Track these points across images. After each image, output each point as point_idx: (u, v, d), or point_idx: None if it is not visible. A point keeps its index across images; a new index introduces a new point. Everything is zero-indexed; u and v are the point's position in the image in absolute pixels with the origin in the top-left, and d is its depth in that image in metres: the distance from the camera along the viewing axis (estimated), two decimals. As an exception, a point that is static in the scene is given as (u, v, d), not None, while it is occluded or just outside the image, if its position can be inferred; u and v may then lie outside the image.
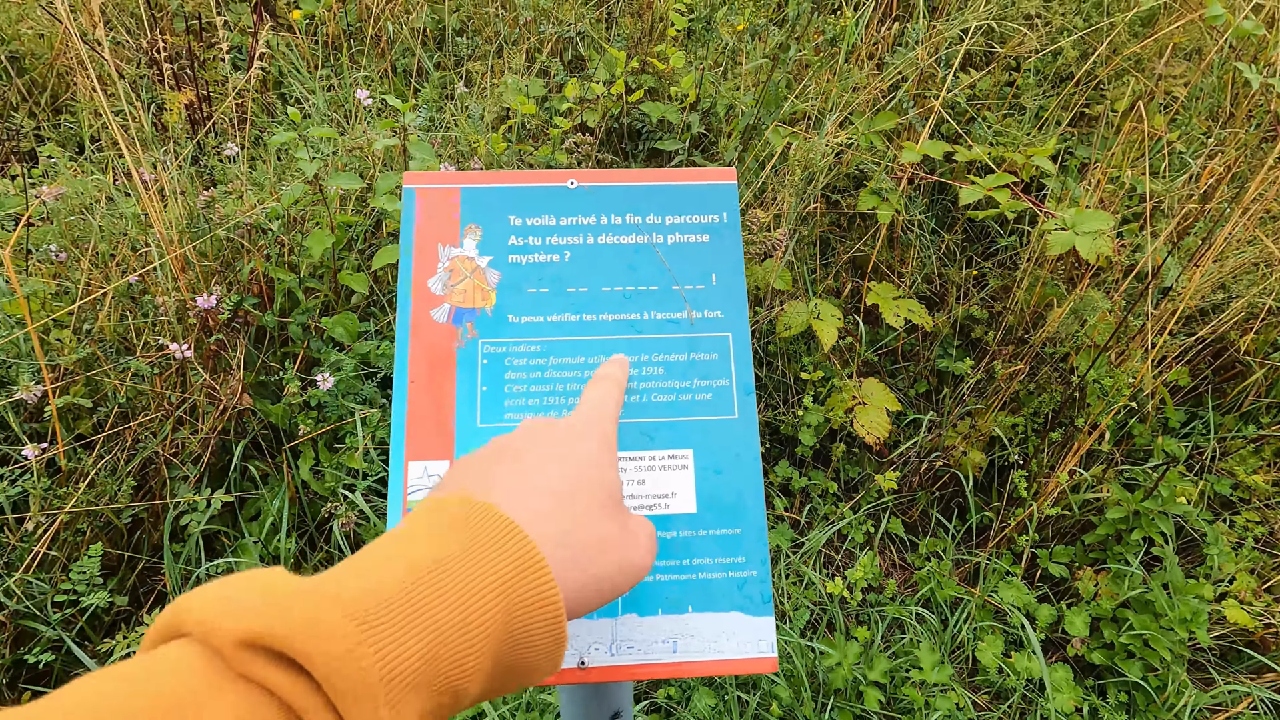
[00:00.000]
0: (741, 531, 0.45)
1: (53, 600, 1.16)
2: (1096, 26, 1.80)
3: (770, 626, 0.44)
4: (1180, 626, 1.31)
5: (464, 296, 0.48)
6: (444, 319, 0.48)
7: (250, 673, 0.22)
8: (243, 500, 1.43)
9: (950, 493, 1.65)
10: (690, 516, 0.45)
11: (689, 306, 0.49)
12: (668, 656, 0.43)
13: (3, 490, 1.16)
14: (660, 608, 0.44)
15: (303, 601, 0.23)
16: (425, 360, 0.47)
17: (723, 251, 0.50)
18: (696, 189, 0.51)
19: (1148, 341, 1.38)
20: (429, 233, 0.49)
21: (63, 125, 2.02)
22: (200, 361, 1.39)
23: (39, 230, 1.52)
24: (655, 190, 0.51)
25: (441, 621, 0.25)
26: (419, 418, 0.46)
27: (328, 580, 0.25)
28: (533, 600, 0.27)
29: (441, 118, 1.87)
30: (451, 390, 0.46)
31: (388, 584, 0.25)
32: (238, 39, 2.16)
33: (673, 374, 0.48)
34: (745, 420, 0.47)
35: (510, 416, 0.46)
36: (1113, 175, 1.68)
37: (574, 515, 0.31)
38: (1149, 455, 1.59)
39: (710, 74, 1.70)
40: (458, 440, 0.45)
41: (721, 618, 0.44)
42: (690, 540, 0.45)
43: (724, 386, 0.48)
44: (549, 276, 0.49)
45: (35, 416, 1.31)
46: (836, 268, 1.75)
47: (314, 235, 1.41)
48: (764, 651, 0.44)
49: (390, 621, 0.24)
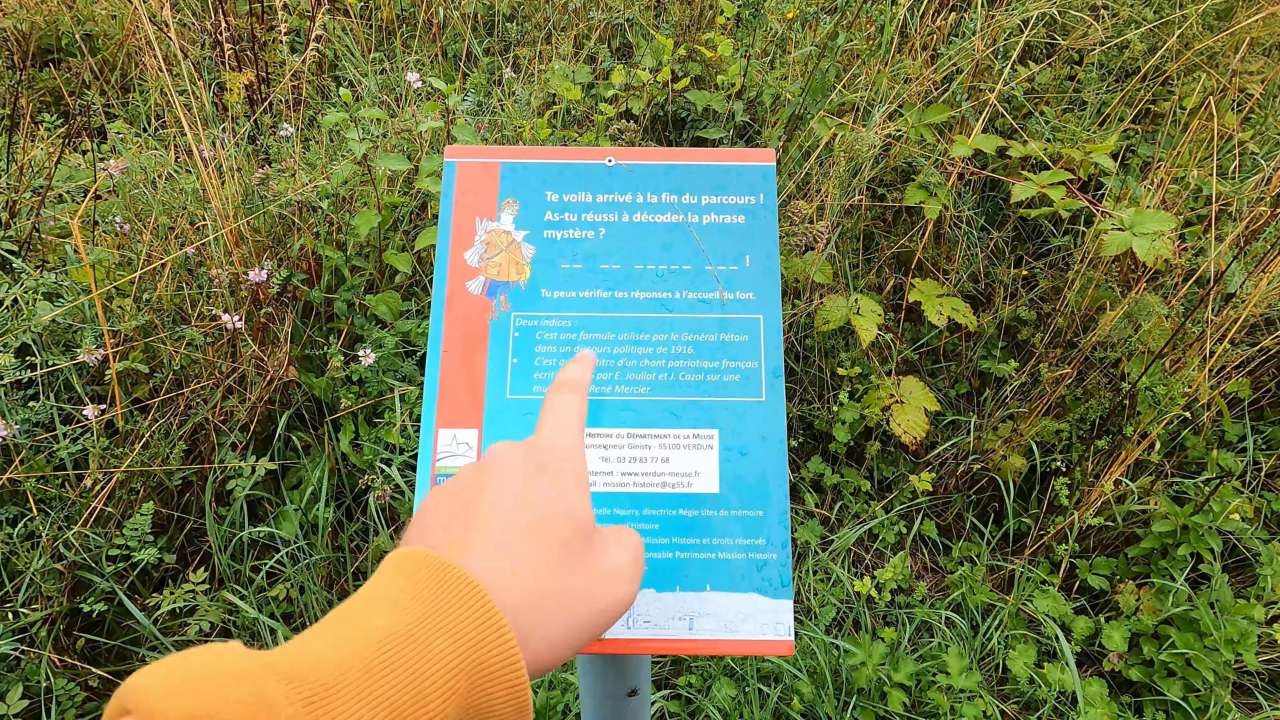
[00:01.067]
0: (764, 514, 0.45)
1: (107, 554, 1.22)
2: (1168, 19, 1.71)
3: (788, 609, 0.44)
4: (1226, 648, 1.26)
5: (499, 270, 0.49)
6: (479, 291, 0.49)
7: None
8: (285, 469, 1.48)
9: (987, 497, 1.61)
10: (713, 496, 0.45)
11: (721, 287, 0.49)
12: (684, 633, 0.43)
13: (65, 448, 1.22)
14: (678, 584, 0.44)
15: (249, 682, 0.23)
16: (459, 331, 0.48)
17: (758, 233, 0.50)
18: (735, 169, 0.51)
19: (1206, 349, 1.32)
20: (467, 206, 0.50)
21: (130, 103, 2.10)
22: (250, 333, 1.44)
23: (106, 203, 1.59)
24: (693, 170, 0.51)
25: (397, 696, 0.24)
26: (450, 386, 0.47)
27: (283, 656, 0.25)
28: (495, 668, 0.27)
29: (489, 102, 1.89)
30: (483, 361, 0.47)
31: (345, 657, 0.25)
32: (297, 22, 2.22)
33: (701, 354, 0.48)
34: (773, 403, 0.47)
35: (538, 390, 0.47)
36: (1177, 175, 1.60)
37: (538, 561, 0.30)
38: (1202, 469, 1.52)
39: (758, 62, 1.68)
40: (487, 410, 0.46)
41: (739, 598, 0.44)
42: (711, 520, 0.45)
43: (753, 369, 0.47)
44: (583, 253, 0.50)
45: (97, 379, 1.38)
46: (879, 263, 1.72)
47: (361, 215, 1.44)
48: (781, 634, 0.43)
49: (342, 697, 0.24)
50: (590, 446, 0.46)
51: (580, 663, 0.61)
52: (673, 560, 0.44)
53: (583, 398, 0.38)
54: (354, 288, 1.54)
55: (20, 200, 1.51)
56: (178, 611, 1.29)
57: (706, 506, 0.45)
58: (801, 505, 1.63)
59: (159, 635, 1.22)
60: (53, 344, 1.34)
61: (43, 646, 1.15)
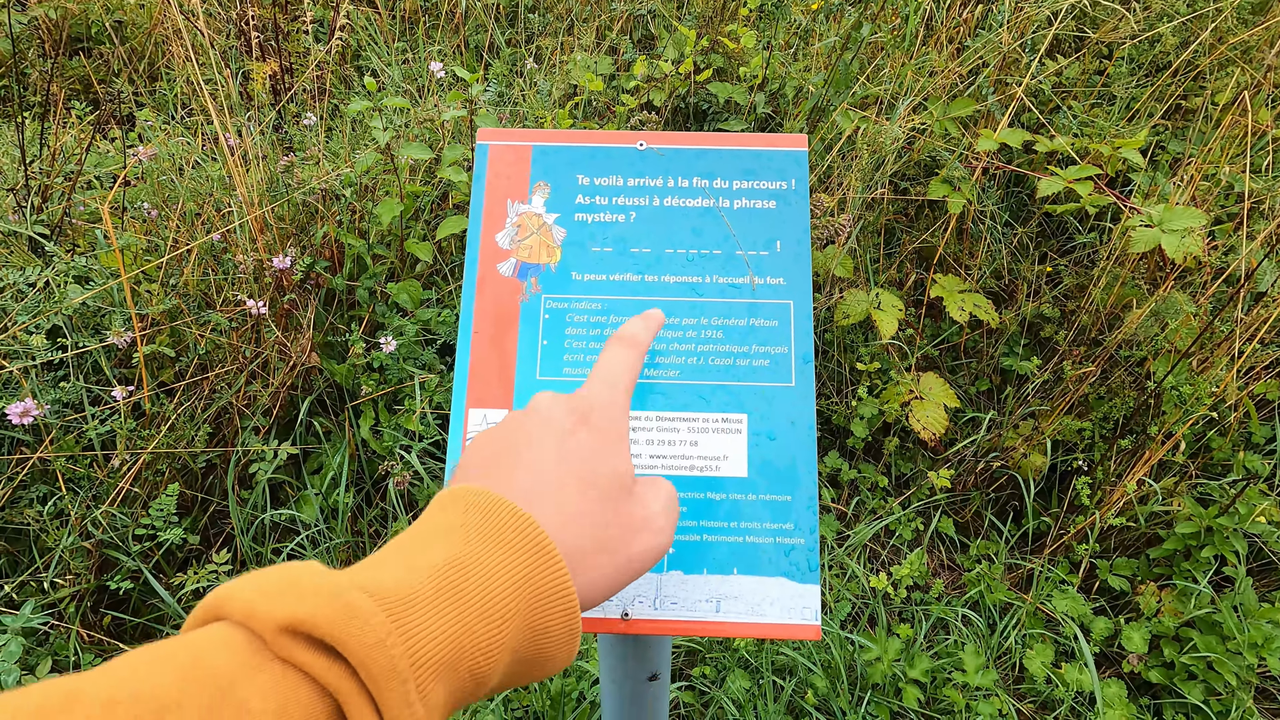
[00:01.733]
0: (792, 499, 0.45)
1: (133, 534, 1.24)
2: (1201, 12, 1.68)
3: (815, 595, 0.44)
4: (1250, 651, 1.24)
5: (530, 252, 0.49)
6: (510, 273, 0.49)
7: (289, 656, 0.23)
8: (306, 454, 1.49)
9: (1006, 495, 1.60)
10: (741, 480, 0.45)
11: (751, 272, 0.49)
12: (710, 615, 0.44)
13: (94, 428, 1.25)
14: (706, 567, 0.44)
15: (339, 593, 0.24)
16: (490, 312, 0.48)
17: (790, 219, 0.50)
18: (766, 154, 0.51)
19: (1234, 349, 1.30)
20: (499, 189, 0.50)
21: (158, 91, 2.13)
22: (273, 319, 1.46)
23: (134, 189, 1.62)
24: (724, 154, 0.51)
25: (467, 612, 0.26)
26: (481, 367, 0.47)
27: (360, 574, 0.26)
28: (550, 593, 0.28)
29: (510, 93, 1.90)
30: (513, 342, 0.47)
31: (416, 580, 0.26)
32: (321, 12, 2.24)
33: (731, 338, 0.48)
34: (802, 388, 0.47)
35: (569, 371, 0.47)
36: (1208, 172, 1.57)
37: (580, 511, 0.32)
38: (1227, 470, 1.50)
39: (781, 54, 1.67)
40: (517, 391, 0.47)
41: (766, 582, 0.44)
42: (740, 504, 0.45)
43: (782, 354, 0.47)
44: (613, 236, 0.50)
45: (125, 362, 1.40)
46: (901, 258, 1.71)
47: (384, 203, 1.45)
48: (808, 619, 0.43)
49: (419, 612, 0.25)
50: (619, 429, 0.46)
51: (601, 646, 0.61)
52: (700, 543, 0.45)
53: (639, 355, 0.38)
54: (376, 276, 1.55)
55: (52, 185, 1.53)
56: (201, 591, 1.31)
57: (734, 490, 0.45)
58: (819, 500, 1.62)
59: (183, 614, 1.24)
60: (82, 326, 1.36)
61: (71, 622, 1.18)
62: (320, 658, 0.23)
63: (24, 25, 2.11)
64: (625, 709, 0.67)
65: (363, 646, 0.23)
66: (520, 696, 1.28)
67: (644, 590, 0.44)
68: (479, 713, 1.24)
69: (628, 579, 0.33)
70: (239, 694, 0.22)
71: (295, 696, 0.23)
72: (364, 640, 0.23)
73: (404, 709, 0.24)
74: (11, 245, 1.40)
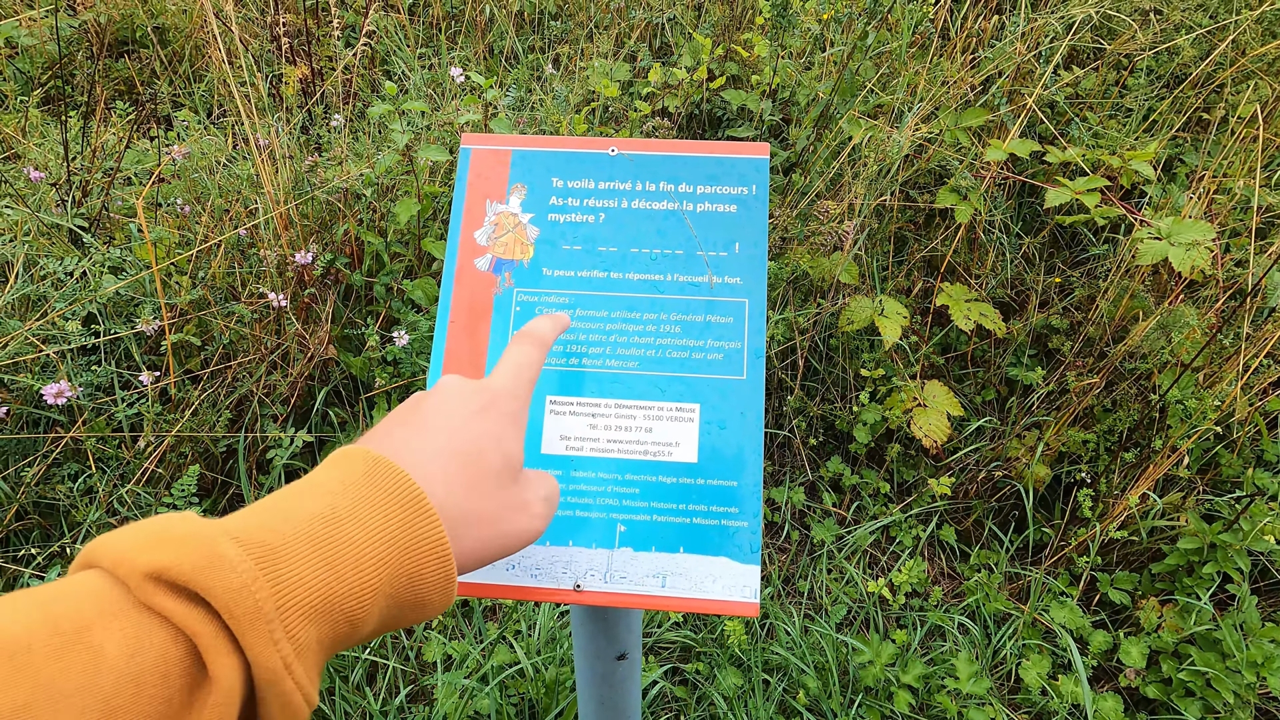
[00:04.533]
0: (738, 484, 0.48)
1: (156, 511, 1.31)
2: (1222, 24, 1.66)
3: (755, 575, 0.46)
4: (1249, 670, 1.23)
5: (505, 249, 0.53)
6: (486, 268, 0.53)
7: (152, 603, 0.24)
8: (322, 442, 1.55)
9: (1008, 505, 1.59)
10: (691, 466, 0.48)
11: (710, 271, 0.52)
12: (656, 590, 0.47)
13: (123, 411, 1.32)
14: (654, 545, 0.47)
15: (205, 540, 0.25)
16: (465, 304, 0.52)
17: (748, 222, 0.53)
18: (730, 161, 0.54)
19: (1240, 364, 1.29)
20: (479, 189, 0.54)
21: (196, 93, 2.23)
22: (294, 312, 1.52)
23: (169, 186, 1.70)
24: (690, 161, 0.54)
25: (338, 559, 0.27)
26: (455, 354, 0.51)
27: (233, 522, 0.27)
28: (424, 543, 0.30)
29: (529, 98, 1.95)
30: (486, 332, 0.51)
31: (290, 528, 0.27)
32: (352, 18, 2.32)
33: (689, 333, 0.51)
34: (753, 381, 0.50)
35: (536, 360, 0.51)
36: (1225, 186, 1.56)
37: (465, 482, 0.34)
38: (1237, 487, 1.48)
39: (794, 63, 1.69)
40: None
41: (711, 561, 0.47)
42: (689, 488, 0.48)
43: (735, 349, 0.50)
44: (583, 235, 0.53)
45: (154, 349, 1.47)
46: (909, 266, 1.72)
47: (402, 203, 1.51)
48: (747, 597, 0.46)
49: (288, 558, 0.26)
50: (580, 414, 0.50)
51: (574, 624, 0.64)
52: (650, 523, 0.48)
53: (540, 353, 0.41)
54: (393, 273, 1.61)
55: (92, 181, 1.62)
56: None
57: (684, 475, 0.48)
58: (819, 504, 1.63)
59: (199, 590, 1.31)
60: (115, 315, 1.44)
61: (95, 593, 1.24)
62: (181, 603, 0.24)
63: (74, 29, 2.22)
64: (597, 687, 0.70)
65: (227, 591, 0.24)
66: (517, 684, 1.32)
67: (596, 565, 0.47)
68: (475, 697, 1.28)
69: (501, 553, 0.35)
70: (93, 638, 0.23)
71: (150, 640, 0.23)
72: (228, 585, 0.24)
73: (269, 647, 0.25)
74: (53, 237, 1.48)
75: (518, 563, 0.47)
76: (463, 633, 1.43)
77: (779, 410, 1.68)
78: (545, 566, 0.47)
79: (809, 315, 1.58)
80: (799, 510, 1.64)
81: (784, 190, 1.62)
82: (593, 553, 0.47)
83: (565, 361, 0.51)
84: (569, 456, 0.49)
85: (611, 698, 0.71)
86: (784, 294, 1.59)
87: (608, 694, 0.70)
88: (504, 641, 1.36)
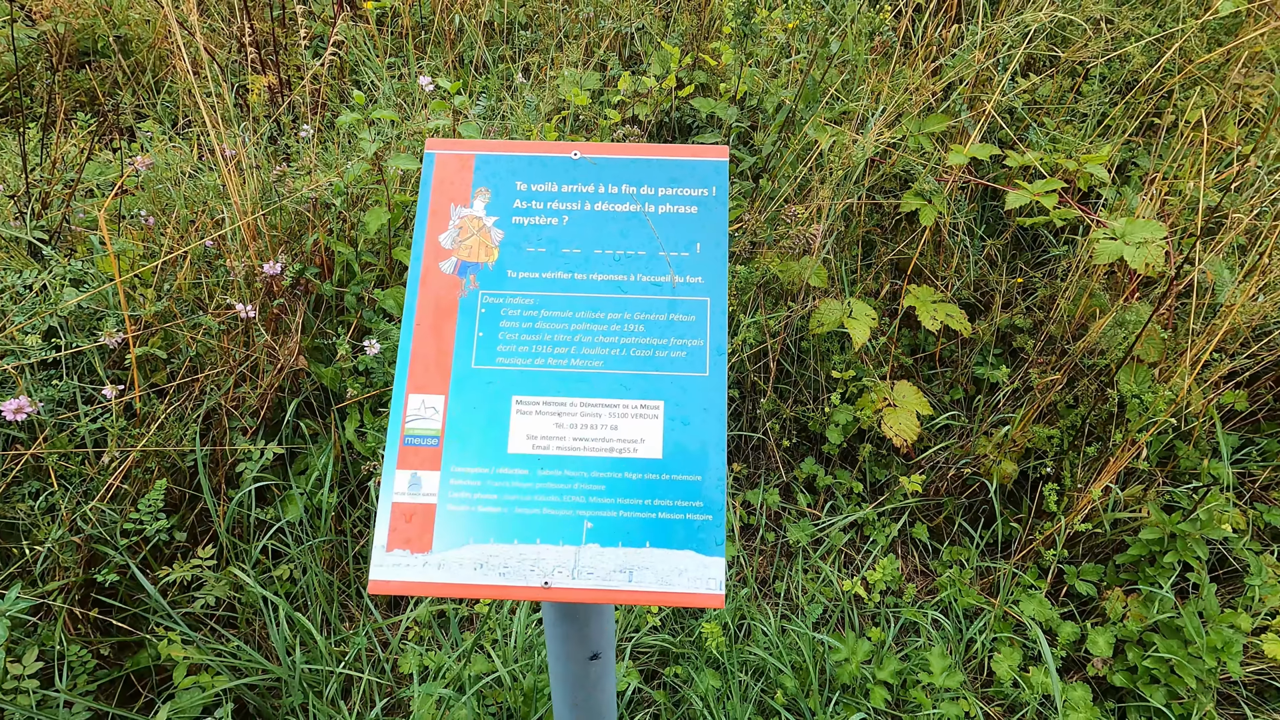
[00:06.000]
0: (702, 479, 0.49)
1: (121, 529, 1.28)
2: (1170, 32, 1.73)
3: (720, 567, 0.47)
4: (1210, 655, 1.27)
5: (470, 251, 0.53)
6: (450, 270, 0.53)
7: None
8: (293, 454, 1.53)
9: (978, 501, 1.63)
10: (656, 462, 0.49)
11: (673, 271, 0.53)
12: (623, 585, 0.47)
13: (85, 426, 1.29)
14: (621, 540, 0.48)
15: None
16: (431, 306, 0.52)
17: (709, 223, 0.54)
18: (690, 164, 0.55)
19: (1188, 359, 1.33)
20: (444, 193, 0.55)
21: (161, 103, 2.20)
22: (263, 323, 1.51)
23: (133, 198, 1.67)
24: (651, 164, 0.55)
25: None
26: (421, 355, 0.51)
27: None
28: None
29: (500, 107, 1.95)
30: (451, 333, 0.52)
31: None
32: (321, 29, 2.31)
33: (652, 332, 0.52)
34: (715, 378, 0.51)
35: (501, 360, 0.51)
36: (1176, 187, 1.62)
37: None
38: (1194, 478, 1.53)
39: (760, 71, 1.72)
40: (454, 378, 0.51)
41: (676, 555, 0.48)
42: (654, 483, 0.49)
43: (698, 346, 0.51)
44: (547, 237, 0.54)
45: (118, 364, 1.45)
46: (877, 268, 1.75)
47: (372, 212, 1.50)
48: (712, 589, 0.47)
49: None
50: (546, 414, 0.50)
51: (546, 625, 0.65)
52: (616, 519, 0.48)
53: None
54: (364, 282, 1.60)
55: (52, 193, 1.59)
56: (185, 584, 1.35)
57: (650, 471, 0.49)
58: (794, 505, 1.65)
59: (167, 607, 1.28)
60: (77, 328, 1.41)
61: (58, 613, 1.21)
62: None
63: (32, 39, 2.18)
64: (571, 689, 0.70)
65: None
66: (495, 693, 1.31)
67: (563, 561, 0.48)
68: (453, 707, 1.26)
69: None
70: None
71: None
72: None
73: None
74: (11, 250, 1.45)
75: (485, 562, 0.47)
76: (439, 643, 1.42)
77: (753, 413, 1.70)
78: (513, 565, 0.48)
79: (780, 318, 1.60)
80: (774, 511, 1.66)
81: (753, 195, 1.64)
82: (560, 550, 0.48)
83: (531, 362, 0.51)
84: (536, 455, 0.49)
85: (586, 700, 0.71)
86: (755, 298, 1.61)
87: (582, 696, 0.70)
88: (480, 650, 1.36)
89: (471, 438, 0.50)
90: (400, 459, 0.49)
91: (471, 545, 0.48)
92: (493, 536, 0.48)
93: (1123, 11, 1.74)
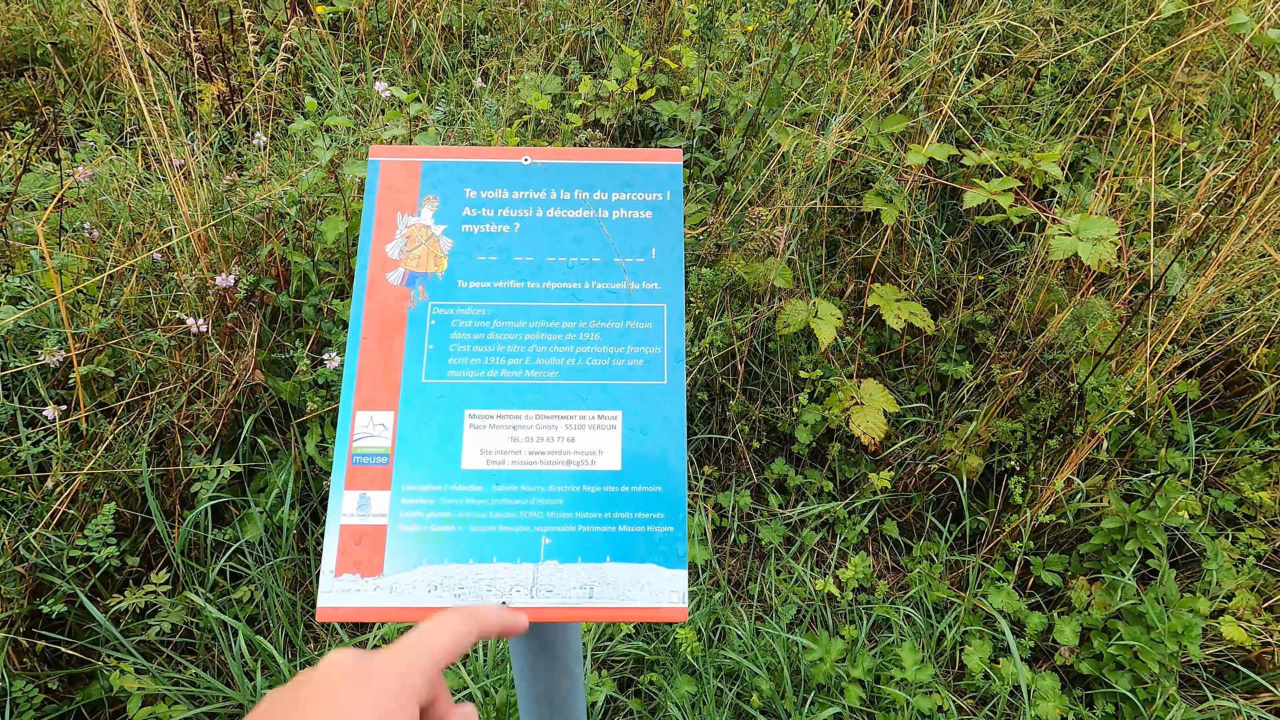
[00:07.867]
0: (663, 489, 0.48)
1: (68, 556, 1.22)
2: (1116, 32, 1.78)
3: (682, 579, 0.46)
4: (1171, 640, 1.29)
5: (418, 262, 0.52)
6: (398, 281, 0.51)
7: None
8: (252, 472, 1.49)
9: (946, 496, 1.64)
10: (614, 474, 0.48)
11: (628, 278, 0.52)
12: (583, 602, 0.46)
13: (27, 450, 1.23)
14: (580, 556, 0.47)
15: None
16: (378, 319, 0.50)
17: (664, 228, 0.53)
18: (644, 168, 0.54)
19: (1147, 351, 1.37)
20: (389, 202, 0.53)
21: (106, 112, 2.12)
22: (217, 338, 1.46)
23: (75, 210, 1.61)
24: (604, 168, 0.54)
25: None
26: (368, 371, 0.49)
27: None
28: None
29: (459, 112, 1.92)
30: (400, 347, 0.50)
31: None
32: (272, 34, 2.25)
33: (608, 340, 0.50)
34: (674, 385, 0.50)
35: (453, 374, 0.49)
36: (1127, 184, 1.66)
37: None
38: (1152, 467, 1.56)
39: (722, 74, 1.73)
40: (403, 393, 0.49)
41: (637, 568, 0.46)
42: (613, 495, 0.48)
43: (655, 354, 0.50)
44: (498, 246, 0.52)
45: (61, 383, 1.39)
46: (841, 268, 1.76)
47: (329, 220, 1.46)
48: (675, 602, 0.46)
49: None
50: (500, 427, 0.49)
51: (510, 642, 0.63)
52: (575, 534, 0.47)
53: (469, 628, 0.39)
54: (322, 293, 1.56)
55: (-12, 206, 1.52)
56: (139, 611, 1.29)
57: (608, 483, 0.48)
58: (765, 506, 1.65)
59: (119, 636, 1.23)
60: (17, 347, 1.35)
61: (1, 646, 1.16)
62: None
63: (-34, 46, 2.09)
64: (539, 707, 0.68)
65: None
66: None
67: (521, 580, 0.46)
68: (423, 727, 1.23)
69: None
70: None
71: None
72: None
73: None
74: (-56, 267, 1.38)
75: (439, 584, 0.46)
76: (409, 661, 1.38)
77: (722, 415, 1.70)
78: (469, 585, 0.46)
79: (746, 320, 1.60)
80: (746, 513, 1.66)
81: (717, 198, 1.64)
82: (518, 568, 0.46)
83: (484, 374, 0.50)
84: (490, 471, 0.48)
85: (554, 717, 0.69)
86: (721, 300, 1.61)
87: (548, 715, 0.68)
88: (449, 668, 1.33)
89: (423, 455, 0.48)
90: (348, 479, 0.47)
91: (425, 566, 0.46)
92: (447, 556, 0.46)
93: (1071, 13, 1.78)
